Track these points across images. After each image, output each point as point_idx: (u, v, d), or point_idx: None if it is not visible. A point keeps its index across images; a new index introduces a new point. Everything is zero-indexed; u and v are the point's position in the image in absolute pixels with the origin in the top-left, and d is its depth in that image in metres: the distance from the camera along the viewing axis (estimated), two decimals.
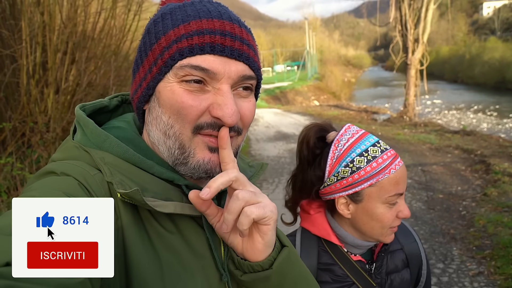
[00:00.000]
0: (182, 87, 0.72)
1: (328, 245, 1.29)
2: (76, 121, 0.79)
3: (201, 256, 0.75)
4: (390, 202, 1.18)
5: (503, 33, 45.26)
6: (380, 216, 1.18)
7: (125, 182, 0.69)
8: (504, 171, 7.07)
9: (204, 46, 0.70)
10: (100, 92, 6.10)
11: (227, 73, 0.72)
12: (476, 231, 4.92)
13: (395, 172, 1.16)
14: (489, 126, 15.68)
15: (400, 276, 1.28)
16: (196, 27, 0.71)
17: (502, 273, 3.88)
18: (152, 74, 0.74)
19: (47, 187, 0.65)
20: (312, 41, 37.30)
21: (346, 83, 35.84)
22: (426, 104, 21.28)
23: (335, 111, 18.00)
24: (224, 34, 0.72)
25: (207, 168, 0.74)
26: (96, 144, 0.74)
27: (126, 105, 0.93)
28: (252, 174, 0.92)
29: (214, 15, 0.73)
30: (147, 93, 0.76)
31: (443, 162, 8.42)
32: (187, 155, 0.74)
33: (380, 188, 1.17)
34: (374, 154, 1.18)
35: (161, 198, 0.72)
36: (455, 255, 4.39)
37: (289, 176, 1.40)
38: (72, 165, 0.70)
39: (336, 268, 1.26)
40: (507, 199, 5.82)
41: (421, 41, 15.11)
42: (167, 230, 0.73)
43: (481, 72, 31.39)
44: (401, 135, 11.63)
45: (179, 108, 0.71)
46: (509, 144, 10.06)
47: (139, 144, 0.78)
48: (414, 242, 1.35)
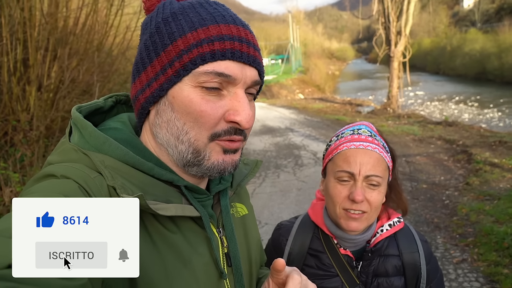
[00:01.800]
0: (201, 95, 0.72)
1: (322, 233, 1.32)
2: (73, 122, 0.78)
3: (201, 255, 0.77)
4: (339, 178, 1.20)
5: (483, 24, 45.90)
6: (330, 191, 1.23)
7: (127, 186, 0.69)
8: (486, 160, 7.23)
9: (225, 52, 0.72)
10: (84, 89, 6.02)
11: (244, 78, 0.74)
12: (459, 220, 5.03)
13: (348, 150, 1.20)
14: (470, 116, 15.96)
15: (389, 282, 1.25)
16: (215, 32, 0.72)
17: (485, 260, 3.98)
18: (167, 76, 0.73)
19: (48, 190, 0.65)
20: (296, 34, 37.30)
21: (330, 76, 35.99)
22: (409, 96, 21.52)
23: (319, 104, 18.09)
24: (241, 40, 0.73)
25: (221, 168, 0.76)
26: (95, 146, 0.74)
27: (120, 105, 0.92)
28: (248, 172, 0.94)
29: (228, 20, 0.74)
30: (158, 94, 0.75)
31: (426, 152, 8.56)
32: (201, 158, 0.75)
33: (333, 163, 1.24)
34: (345, 135, 1.25)
35: (162, 200, 0.73)
36: (439, 243, 4.48)
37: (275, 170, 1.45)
38: (72, 168, 0.70)
39: (324, 256, 1.29)
40: (488, 188, 5.95)
41: (404, 33, 15.27)
42: (169, 230, 0.74)
43: (462, 64, 31.85)
44: (385, 126, 11.76)
45: (197, 116, 0.72)
46: (490, 134, 10.27)
47: (137, 146, 0.78)
48: (415, 252, 1.28)
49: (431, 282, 1.29)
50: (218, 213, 0.86)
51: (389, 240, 1.30)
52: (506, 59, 26.23)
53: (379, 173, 1.19)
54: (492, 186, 6.00)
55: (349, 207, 1.19)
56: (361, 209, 1.19)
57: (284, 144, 10.07)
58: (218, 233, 0.83)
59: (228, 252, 0.83)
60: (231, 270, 0.83)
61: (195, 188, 0.79)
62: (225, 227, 0.84)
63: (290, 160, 8.45)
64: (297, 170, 7.65)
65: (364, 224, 1.22)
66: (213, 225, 0.83)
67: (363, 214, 1.20)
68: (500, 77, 26.32)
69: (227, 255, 0.83)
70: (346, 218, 1.21)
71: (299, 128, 12.16)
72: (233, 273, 0.83)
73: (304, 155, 8.81)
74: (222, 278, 0.80)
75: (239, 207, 0.96)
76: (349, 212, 1.20)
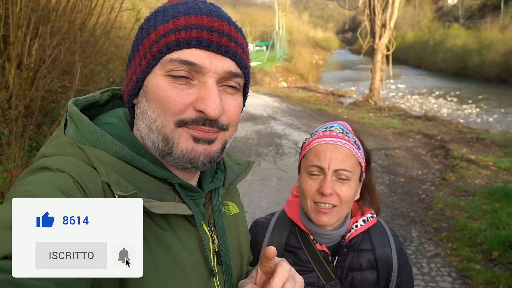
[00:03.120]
0: (168, 81, 0.73)
1: (298, 230, 1.36)
2: (69, 115, 0.78)
3: (192, 253, 0.78)
4: (310, 173, 1.26)
5: (466, 20, 46.50)
6: (302, 185, 1.28)
7: (121, 183, 0.70)
8: (462, 156, 7.40)
9: (190, 40, 0.72)
10: (64, 68, 5.89)
11: (213, 67, 0.73)
12: (434, 214, 5.16)
13: (318, 145, 1.26)
14: (449, 111, 16.24)
15: (362, 276, 1.30)
16: (184, 22, 0.73)
17: (458, 255, 4.11)
18: (141, 68, 0.75)
19: (43, 183, 0.65)
20: (281, 22, 37.10)
21: (314, 65, 36.02)
22: (390, 89, 21.74)
23: (302, 93, 18.13)
24: (212, 30, 0.73)
25: (190, 157, 0.75)
26: (91, 141, 0.74)
27: (116, 99, 0.92)
28: (240, 172, 0.95)
29: (204, 12, 0.75)
30: (136, 86, 0.77)
31: (405, 146, 8.71)
32: (171, 145, 0.74)
33: (305, 158, 1.29)
34: (318, 132, 1.31)
35: (155, 198, 0.73)
36: (414, 237, 4.60)
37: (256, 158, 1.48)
38: (67, 161, 0.70)
39: (300, 252, 1.32)
40: (464, 184, 6.11)
41: (388, 26, 15.35)
42: (160, 228, 0.74)
43: (443, 59, 32.25)
44: (366, 119, 11.89)
45: (163, 102, 0.73)
46: (467, 130, 10.51)
47: (133, 142, 0.79)
48: (387, 247, 1.34)
49: (402, 275, 1.35)
50: (209, 211, 0.86)
51: (363, 235, 1.35)
52: (486, 56, 26.69)
53: (349, 167, 1.24)
54: (468, 182, 6.17)
55: (319, 201, 1.23)
56: (331, 203, 1.23)
57: (266, 132, 10.09)
58: (209, 232, 0.84)
59: (219, 250, 0.85)
60: (221, 268, 0.85)
61: (188, 186, 0.80)
62: (217, 226, 0.86)
63: (271, 148, 8.48)
64: (277, 159, 7.70)
65: (334, 218, 1.25)
66: (205, 223, 0.83)
67: (333, 209, 1.24)
68: (480, 73, 26.79)
69: (218, 253, 0.84)
70: (316, 212, 1.25)
71: (281, 117, 12.19)
72: (223, 271, 0.85)
73: (285, 144, 8.85)
74: (212, 276, 0.81)
75: (231, 205, 0.97)
76: (319, 206, 1.24)
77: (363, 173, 1.32)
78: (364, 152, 1.32)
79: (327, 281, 1.28)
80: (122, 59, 8.78)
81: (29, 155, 4.87)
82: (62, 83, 5.47)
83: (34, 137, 5.17)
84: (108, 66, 7.68)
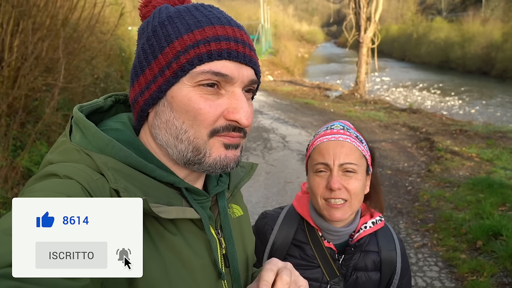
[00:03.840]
0: (199, 93, 0.74)
1: (307, 225, 1.38)
2: (74, 122, 0.78)
3: (200, 256, 0.79)
4: (317, 171, 1.28)
5: (449, 13, 46.99)
6: (313, 185, 1.30)
7: (129, 189, 0.70)
8: (447, 148, 7.53)
9: (221, 52, 0.73)
10: (48, 65, 5.80)
11: (241, 77, 0.75)
12: (420, 206, 5.25)
13: (321, 144, 1.29)
14: (433, 103, 16.43)
15: (367, 276, 1.33)
16: (211, 33, 0.74)
17: (444, 245, 4.19)
18: (165, 77, 0.74)
19: (50, 190, 0.65)
20: (266, 15, 37.03)
21: (300, 59, 36.05)
22: (375, 81, 21.91)
23: (289, 87, 18.15)
24: (237, 40, 0.75)
25: (223, 164, 0.77)
26: (98, 147, 0.74)
27: (119, 104, 0.92)
28: (244, 174, 0.97)
29: (224, 22, 0.76)
30: (157, 96, 0.76)
31: (391, 139, 8.81)
32: (202, 156, 0.76)
33: (311, 158, 1.32)
34: (320, 132, 1.34)
35: (163, 203, 0.74)
36: (401, 228, 4.68)
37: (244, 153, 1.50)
38: (74, 168, 0.70)
39: (307, 248, 1.34)
40: (449, 175, 6.22)
41: (373, 19, 15.43)
42: (169, 232, 0.75)
43: (427, 52, 32.55)
44: (352, 112, 11.98)
45: (196, 114, 0.73)
46: (451, 122, 10.67)
47: (139, 147, 0.79)
48: (393, 251, 1.37)
49: (403, 279, 1.38)
50: (216, 214, 0.87)
51: (371, 237, 1.37)
52: (468, 48, 27.01)
53: (353, 160, 1.26)
54: (452, 174, 6.27)
55: (329, 197, 1.25)
56: (341, 197, 1.25)
57: (253, 127, 10.09)
58: (216, 235, 0.85)
59: (226, 253, 0.86)
60: (229, 270, 0.86)
61: (195, 190, 0.81)
62: (223, 229, 0.87)
63: (259, 143, 8.50)
64: (266, 153, 7.72)
65: (347, 213, 1.27)
66: (212, 226, 0.84)
67: (345, 203, 1.26)
68: (462, 66, 27.11)
69: (225, 256, 0.85)
70: (328, 208, 1.27)
71: (268, 111, 12.20)
72: (230, 273, 0.86)
73: (273, 138, 8.88)
74: (220, 279, 0.82)
75: (235, 208, 0.98)
76: (330, 202, 1.26)
77: (369, 166, 1.34)
78: (368, 147, 1.35)
79: (331, 278, 1.31)
80: (105, 55, 8.67)
81: (14, 155, 4.80)
82: (45, 81, 5.37)
83: (18, 137, 5.09)
84: (92, 62, 7.57)
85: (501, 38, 24.96)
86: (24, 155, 4.69)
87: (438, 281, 3.62)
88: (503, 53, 23.43)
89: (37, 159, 4.93)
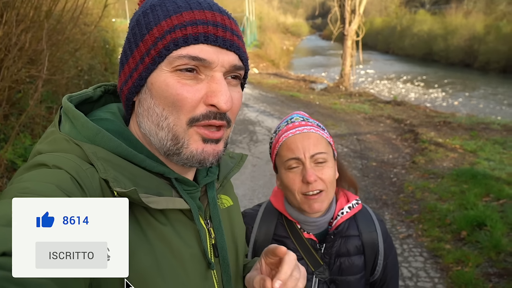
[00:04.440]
0: (176, 78, 0.73)
1: (285, 219, 1.39)
2: (63, 112, 0.78)
3: (190, 246, 0.79)
4: (289, 167, 1.28)
5: (432, 6, 47.37)
6: (287, 182, 1.29)
7: (119, 179, 0.70)
8: (431, 140, 7.64)
9: (198, 36, 0.72)
10: (31, 57, 5.70)
11: (220, 62, 0.74)
12: (405, 197, 5.33)
13: (287, 139, 1.29)
14: (417, 96, 16.60)
15: (350, 261, 1.34)
16: (189, 17, 0.73)
17: (428, 236, 4.27)
18: (145, 65, 0.74)
19: (40, 180, 0.64)
20: (251, 7, 36.84)
21: (285, 51, 36.03)
22: (360, 74, 22.04)
23: (274, 79, 18.15)
24: (216, 24, 0.74)
25: (200, 158, 0.76)
26: (87, 137, 0.73)
27: (108, 95, 0.91)
28: (233, 165, 0.97)
29: (204, 6, 0.75)
30: (138, 84, 0.76)
31: (376, 131, 8.90)
32: (180, 146, 0.75)
33: (279, 156, 1.31)
34: (281, 127, 1.33)
35: (153, 193, 0.74)
36: (387, 219, 4.74)
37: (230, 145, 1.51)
38: (64, 158, 0.69)
39: (289, 241, 1.35)
40: (433, 167, 6.32)
41: (358, 12, 15.49)
42: (159, 222, 0.75)
43: (410, 44, 32.82)
44: (337, 104, 12.05)
45: (174, 100, 0.73)
46: (435, 114, 10.81)
47: (129, 137, 0.79)
48: (373, 232, 1.38)
49: (387, 259, 1.39)
50: (205, 205, 0.88)
51: (349, 221, 1.38)
52: (451, 41, 27.32)
53: (322, 149, 1.27)
54: (437, 165, 6.37)
55: (306, 190, 1.26)
56: (317, 188, 1.25)
57: (239, 120, 10.08)
58: (205, 225, 0.85)
59: (216, 243, 0.86)
60: (218, 260, 0.86)
61: (185, 180, 0.81)
62: (213, 219, 0.87)
63: (245, 136, 8.50)
64: (252, 146, 7.73)
65: (325, 202, 1.28)
66: (201, 216, 0.85)
67: (321, 193, 1.26)
68: (445, 58, 27.42)
69: (214, 246, 0.86)
70: (307, 201, 1.27)
71: (254, 104, 12.19)
72: (220, 263, 0.86)
73: (259, 131, 8.88)
74: (209, 269, 0.82)
75: (224, 198, 0.99)
76: (308, 195, 1.26)
77: (334, 151, 1.35)
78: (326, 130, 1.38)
79: (315, 268, 1.32)
80: (89, 47, 8.53)
81: None
82: (29, 73, 5.28)
83: (1, 129, 5.01)
84: (76, 54, 7.45)
85: (483, 30, 25.29)
86: (8, 148, 4.62)
87: (423, 271, 3.70)
88: (486, 45, 23.75)
89: (21, 152, 4.86)
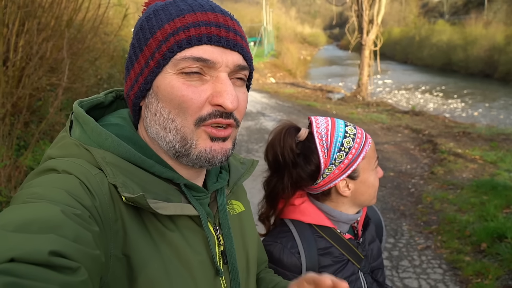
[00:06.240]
0: (181, 80, 0.73)
1: (321, 230, 1.33)
2: (74, 117, 0.78)
3: (198, 253, 0.78)
4: (376, 167, 1.35)
5: (451, 16, 46.96)
6: (374, 182, 1.33)
7: (128, 184, 0.70)
8: (450, 150, 7.50)
9: (201, 37, 0.72)
10: (52, 65, 5.82)
11: (225, 62, 0.74)
12: (423, 208, 5.23)
13: (371, 140, 1.33)
14: (435, 106, 16.40)
15: (377, 245, 1.43)
16: (191, 19, 0.73)
17: (448, 247, 4.17)
18: (150, 68, 0.75)
19: (49, 185, 0.65)
20: (269, 17, 37.07)
21: (302, 61, 36.05)
22: (377, 84, 21.88)
23: (291, 89, 18.15)
24: (219, 25, 0.74)
25: (209, 157, 0.76)
26: (97, 142, 0.74)
27: (120, 100, 0.92)
28: (244, 171, 0.96)
29: (207, 8, 0.75)
30: (144, 88, 0.76)
31: (394, 141, 8.79)
32: (188, 147, 0.75)
33: (368, 158, 1.30)
34: (352, 132, 1.30)
35: (162, 199, 0.74)
36: (404, 230, 4.66)
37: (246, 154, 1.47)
38: (73, 163, 0.70)
39: (334, 250, 1.31)
40: (452, 177, 6.20)
41: (376, 22, 15.42)
42: (167, 228, 0.75)
43: (429, 54, 32.50)
44: (354, 114, 11.97)
45: (180, 101, 0.73)
46: (454, 124, 10.64)
47: (138, 142, 0.79)
48: (376, 213, 1.53)
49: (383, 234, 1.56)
50: (214, 211, 0.87)
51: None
52: (471, 51, 26.95)
53: None
54: (456, 176, 6.25)
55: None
56: None
57: (255, 129, 10.09)
58: (214, 231, 0.84)
59: (224, 250, 0.85)
60: (227, 267, 0.85)
61: (194, 186, 0.81)
62: (222, 225, 0.86)
63: (261, 145, 8.49)
64: None
65: None
66: (210, 223, 0.84)
67: None
68: (465, 68, 27.05)
69: (223, 253, 0.84)
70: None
71: (271, 113, 12.19)
72: (229, 270, 0.85)
73: None
74: (218, 276, 0.81)
75: (236, 204, 0.97)
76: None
77: None
78: None
79: (360, 264, 1.34)
80: (109, 56, 8.68)
81: (17, 154, 4.81)
82: (49, 81, 5.39)
83: (21, 136, 5.11)
84: (96, 63, 7.59)
85: (504, 40, 24.91)
86: (28, 155, 4.70)
87: (442, 283, 3.61)
88: (506, 55, 23.37)
89: (40, 159, 4.93)
